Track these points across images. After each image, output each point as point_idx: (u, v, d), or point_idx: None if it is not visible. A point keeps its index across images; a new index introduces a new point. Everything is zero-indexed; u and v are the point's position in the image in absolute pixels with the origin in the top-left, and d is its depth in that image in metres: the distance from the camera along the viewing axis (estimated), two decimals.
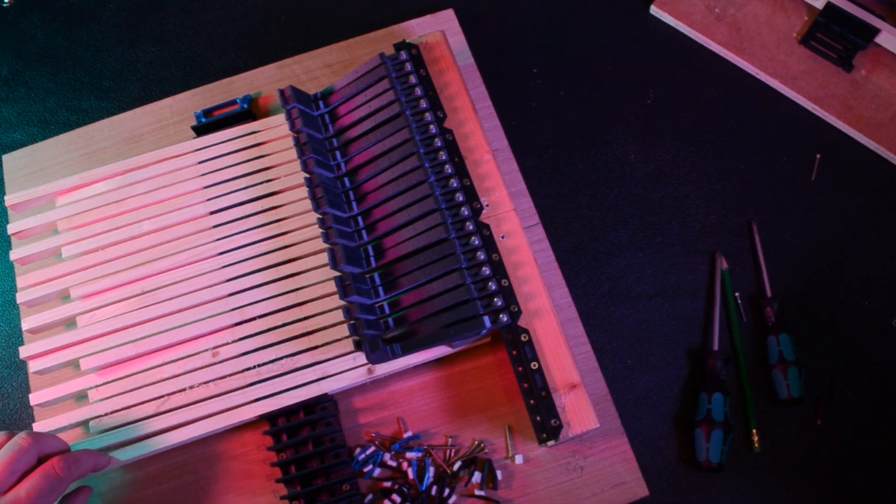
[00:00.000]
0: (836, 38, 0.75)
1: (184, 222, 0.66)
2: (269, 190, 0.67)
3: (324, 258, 0.64)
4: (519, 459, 0.61)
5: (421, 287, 0.59)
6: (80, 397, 0.63)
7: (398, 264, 0.61)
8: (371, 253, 0.61)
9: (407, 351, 0.58)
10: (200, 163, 0.68)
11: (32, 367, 0.63)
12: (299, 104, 0.64)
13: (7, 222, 0.70)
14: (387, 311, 0.60)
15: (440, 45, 0.68)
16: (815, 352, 0.66)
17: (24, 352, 0.63)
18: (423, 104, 0.65)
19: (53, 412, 0.62)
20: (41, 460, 0.53)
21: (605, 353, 0.67)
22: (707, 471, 0.63)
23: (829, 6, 0.75)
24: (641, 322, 0.68)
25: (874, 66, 0.75)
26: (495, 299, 0.59)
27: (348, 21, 0.79)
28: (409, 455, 0.61)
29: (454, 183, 0.62)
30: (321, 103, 0.67)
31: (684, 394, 0.66)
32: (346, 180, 0.64)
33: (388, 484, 0.60)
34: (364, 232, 0.62)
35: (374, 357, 0.56)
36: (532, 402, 0.58)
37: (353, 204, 0.63)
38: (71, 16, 0.82)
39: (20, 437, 0.52)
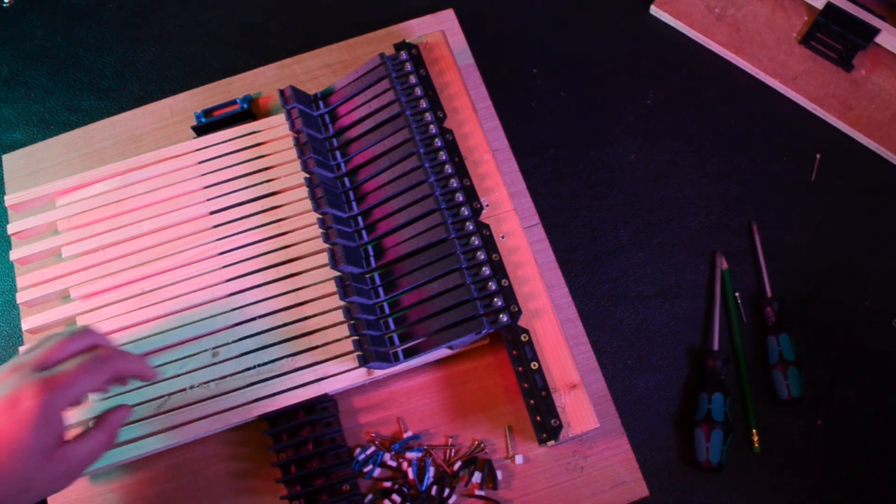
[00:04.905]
0: (836, 38, 0.75)
1: (184, 222, 0.66)
2: (269, 190, 0.67)
3: (324, 258, 0.64)
4: (519, 459, 0.61)
5: (421, 287, 0.59)
6: None
7: (398, 264, 0.61)
8: (371, 253, 0.61)
9: (409, 357, 0.58)
10: (200, 163, 0.68)
11: None
12: (299, 104, 0.64)
13: (7, 222, 0.70)
14: (387, 311, 0.60)
15: (440, 45, 0.68)
16: (815, 352, 0.66)
17: (24, 352, 0.63)
18: (423, 104, 0.65)
19: None
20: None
21: (605, 353, 0.67)
22: (707, 471, 0.63)
23: (829, 6, 0.75)
24: (641, 322, 0.68)
25: (874, 66, 0.75)
26: (495, 299, 0.59)
27: (348, 21, 0.79)
28: (409, 455, 0.61)
29: (454, 183, 0.62)
30: (321, 103, 0.66)
31: (684, 394, 0.66)
32: (346, 180, 0.64)
33: (388, 484, 0.60)
34: (364, 232, 0.62)
35: (372, 365, 0.56)
36: (532, 402, 0.58)
37: (353, 204, 0.63)
38: (71, 16, 0.82)
39: (81, 330, 0.53)
